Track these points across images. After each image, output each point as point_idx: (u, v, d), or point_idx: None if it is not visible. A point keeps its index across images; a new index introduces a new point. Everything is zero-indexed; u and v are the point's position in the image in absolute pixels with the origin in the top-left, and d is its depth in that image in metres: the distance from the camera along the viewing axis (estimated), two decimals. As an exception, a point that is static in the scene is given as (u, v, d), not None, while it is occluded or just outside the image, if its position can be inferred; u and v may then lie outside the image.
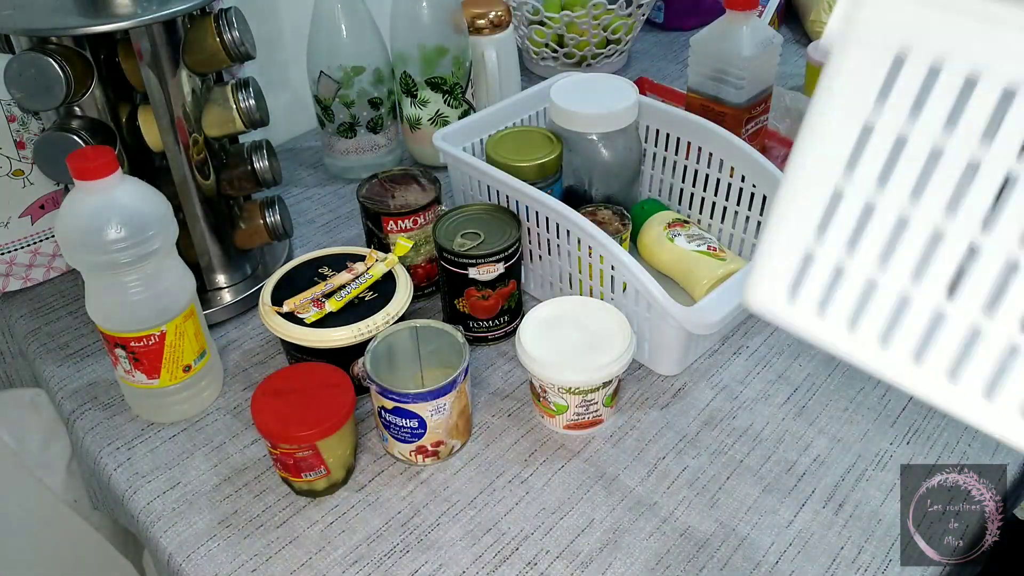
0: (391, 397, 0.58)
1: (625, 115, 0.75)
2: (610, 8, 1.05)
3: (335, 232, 0.89)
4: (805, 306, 0.32)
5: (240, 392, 0.70)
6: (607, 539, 0.57)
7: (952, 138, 0.28)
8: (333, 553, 0.57)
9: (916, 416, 0.65)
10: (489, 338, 0.73)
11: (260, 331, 0.76)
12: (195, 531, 0.59)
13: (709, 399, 0.67)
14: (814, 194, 0.31)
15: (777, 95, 0.90)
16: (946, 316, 0.30)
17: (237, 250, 0.78)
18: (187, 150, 0.70)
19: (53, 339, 0.77)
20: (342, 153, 0.94)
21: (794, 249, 0.32)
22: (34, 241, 0.81)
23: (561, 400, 0.62)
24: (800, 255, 0.32)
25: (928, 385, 0.31)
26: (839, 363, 0.69)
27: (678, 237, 0.75)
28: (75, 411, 0.69)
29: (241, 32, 0.67)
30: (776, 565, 0.55)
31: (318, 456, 0.58)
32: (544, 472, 0.62)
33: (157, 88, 0.66)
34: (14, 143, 0.76)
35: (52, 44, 0.62)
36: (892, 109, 0.29)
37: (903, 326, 0.31)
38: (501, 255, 0.67)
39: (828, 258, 0.31)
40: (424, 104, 0.92)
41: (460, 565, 0.56)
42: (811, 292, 0.32)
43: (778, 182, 0.72)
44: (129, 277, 0.60)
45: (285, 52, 1.01)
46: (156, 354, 0.63)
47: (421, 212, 0.72)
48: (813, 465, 0.61)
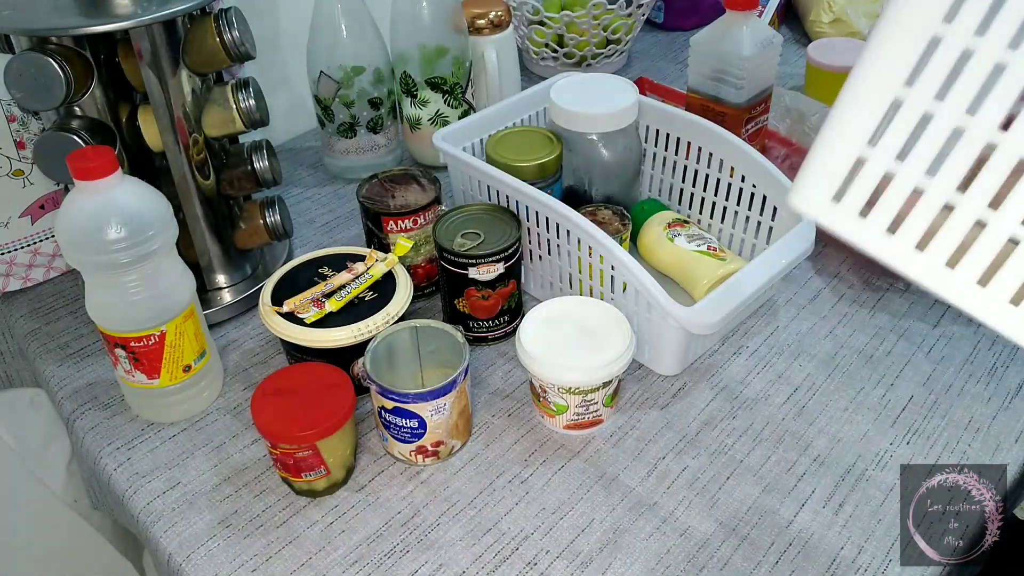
0: (391, 397, 0.58)
1: (625, 115, 0.75)
2: (610, 8, 1.05)
3: (335, 232, 0.89)
4: (848, 208, 0.34)
5: (240, 392, 0.70)
6: (607, 539, 0.57)
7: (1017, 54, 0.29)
8: (333, 553, 0.57)
9: (916, 416, 0.65)
10: (489, 338, 0.73)
11: (260, 331, 0.76)
12: (195, 531, 0.59)
13: (709, 399, 0.67)
14: (874, 101, 0.32)
15: (777, 95, 0.90)
16: (988, 226, 0.31)
17: (237, 250, 0.78)
18: (187, 150, 0.70)
19: (53, 339, 0.77)
20: (342, 153, 0.94)
21: (847, 153, 0.33)
22: (34, 241, 0.81)
23: (561, 400, 0.62)
24: (852, 159, 0.33)
25: (958, 290, 0.33)
26: (839, 363, 0.69)
27: (678, 237, 0.75)
28: (75, 411, 0.69)
29: (241, 32, 0.67)
30: (776, 565, 0.55)
31: (318, 456, 0.58)
32: (544, 472, 0.62)
33: (157, 88, 0.66)
34: (14, 143, 0.76)
35: (52, 44, 0.62)
36: (961, 22, 0.30)
37: (942, 233, 0.32)
38: (501, 255, 0.67)
39: (879, 163, 0.33)
40: (424, 104, 0.92)
41: (460, 565, 0.56)
42: (856, 195, 0.34)
43: (778, 182, 0.72)
44: (129, 277, 0.60)
45: (285, 52, 1.01)
46: (156, 354, 0.63)
47: (421, 212, 0.72)
48: (813, 465, 0.61)
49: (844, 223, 0.34)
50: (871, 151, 0.33)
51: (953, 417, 0.64)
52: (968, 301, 0.33)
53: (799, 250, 0.67)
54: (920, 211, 0.33)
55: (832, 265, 0.80)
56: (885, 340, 0.71)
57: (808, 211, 0.35)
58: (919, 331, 0.72)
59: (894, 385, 0.67)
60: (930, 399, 0.66)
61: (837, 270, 0.79)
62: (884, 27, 0.32)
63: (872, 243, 0.34)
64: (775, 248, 0.67)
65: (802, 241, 0.68)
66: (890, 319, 0.73)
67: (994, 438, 0.63)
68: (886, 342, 0.71)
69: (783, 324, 0.74)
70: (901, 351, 0.70)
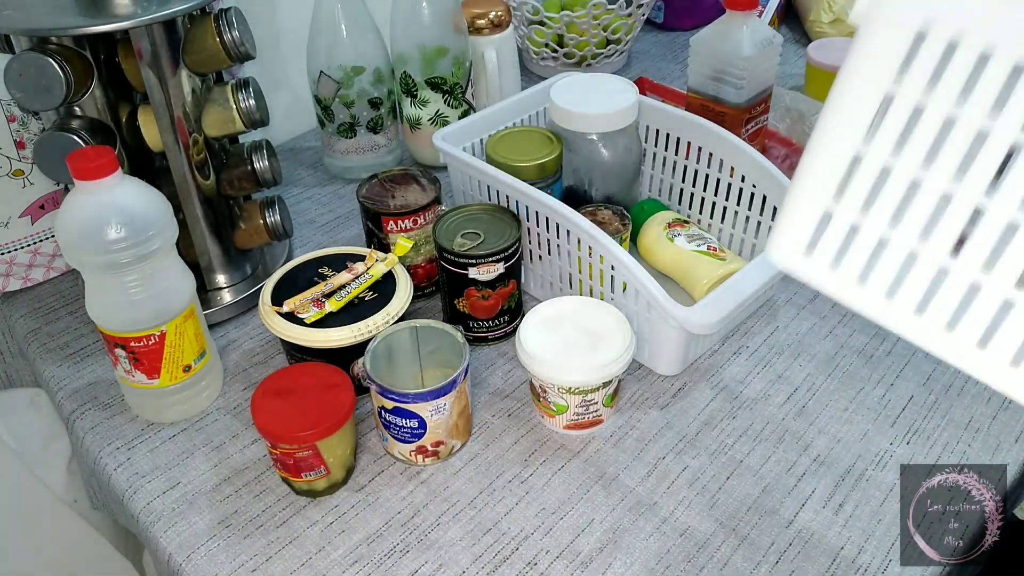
0: (391, 397, 0.58)
1: (625, 115, 0.75)
2: (610, 8, 1.05)
3: (335, 232, 0.89)
4: (820, 260, 0.36)
5: (240, 392, 0.70)
6: (607, 539, 0.57)
7: (964, 109, 0.31)
8: (333, 553, 0.57)
9: (916, 416, 0.65)
10: (489, 338, 0.73)
11: (260, 331, 0.76)
12: (195, 531, 0.59)
13: (709, 399, 0.67)
14: (835, 158, 0.34)
15: (777, 95, 0.90)
16: (949, 272, 0.33)
17: (237, 250, 0.78)
18: (187, 150, 0.70)
19: (53, 339, 0.77)
20: (342, 153, 0.94)
21: (815, 208, 0.35)
22: (34, 241, 0.81)
23: (561, 400, 0.62)
24: (819, 213, 0.35)
25: (928, 334, 0.34)
26: (839, 363, 0.69)
27: (678, 237, 0.75)
28: (75, 411, 0.69)
29: (241, 32, 0.67)
30: (776, 565, 0.55)
31: (318, 456, 0.58)
32: (544, 472, 0.62)
33: (157, 88, 0.66)
34: (14, 143, 0.76)
35: (52, 44, 0.62)
36: (911, 81, 0.31)
37: (908, 280, 0.34)
38: (501, 255, 0.67)
39: (845, 216, 0.34)
40: (424, 104, 0.92)
41: (460, 565, 0.56)
42: (827, 247, 0.35)
43: (778, 182, 0.72)
44: (129, 277, 0.60)
45: (285, 52, 1.01)
46: (156, 354, 0.63)
47: (421, 212, 0.72)
48: (813, 465, 0.61)
49: (817, 275, 0.36)
50: (836, 205, 0.34)
51: (953, 417, 0.64)
52: (937, 347, 0.34)
53: (799, 250, 0.67)
54: (886, 261, 0.34)
55: (832, 265, 0.80)
56: (885, 340, 0.71)
57: (783, 264, 0.37)
58: (919, 331, 0.72)
59: (894, 385, 0.67)
60: (930, 399, 0.66)
61: (837, 270, 0.79)
62: (841, 85, 0.33)
63: (844, 293, 0.35)
64: (775, 248, 0.67)
65: (802, 241, 0.67)
66: (890, 319, 0.73)
67: (994, 438, 0.63)
68: (886, 342, 0.71)
69: (783, 324, 0.74)
70: (901, 351, 0.70)
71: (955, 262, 0.32)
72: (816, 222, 0.35)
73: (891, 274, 0.34)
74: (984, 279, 0.32)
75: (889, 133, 0.32)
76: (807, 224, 0.35)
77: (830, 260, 0.35)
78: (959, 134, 0.31)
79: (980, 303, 0.32)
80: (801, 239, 0.36)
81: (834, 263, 0.35)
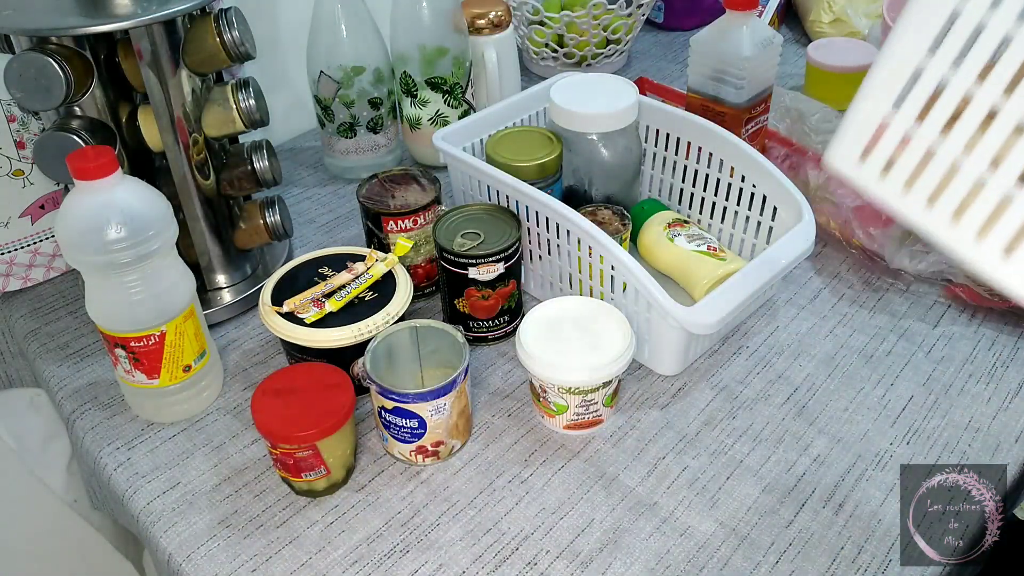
0: (391, 397, 0.58)
1: (625, 115, 0.75)
2: (610, 8, 1.05)
3: (335, 232, 0.89)
4: (872, 168, 0.39)
5: (240, 392, 0.70)
6: (607, 539, 0.57)
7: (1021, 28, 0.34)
8: (333, 553, 0.57)
9: (916, 416, 0.65)
10: (489, 338, 0.73)
11: (260, 331, 0.76)
12: (195, 531, 0.59)
13: (709, 399, 0.67)
14: (900, 69, 0.37)
15: (777, 95, 0.90)
16: (987, 184, 0.36)
17: (237, 250, 0.78)
18: (187, 150, 0.70)
19: (53, 339, 0.77)
20: (342, 153, 0.94)
21: (874, 117, 0.38)
22: (34, 241, 0.81)
23: (561, 400, 0.62)
24: (877, 123, 0.38)
25: (961, 242, 0.37)
26: (839, 363, 0.69)
27: (678, 237, 0.75)
28: (75, 411, 0.69)
29: (241, 32, 0.67)
30: (776, 565, 0.55)
31: (318, 456, 0.58)
32: (544, 472, 0.62)
33: (157, 88, 0.66)
34: (14, 143, 0.76)
35: (52, 44, 0.62)
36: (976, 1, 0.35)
37: (949, 190, 0.37)
38: (501, 255, 0.67)
39: (900, 126, 0.38)
40: (424, 104, 0.92)
41: (460, 565, 0.56)
42: (879, 156, 0.39)
43: (778, 182, 0.72)
44: (129, 277, 0.60)
45: (285, 52, 1.01)
46: (156, 354, 0.63)
47: (421, 212, 0.72)
48: (813, 465, 0.61)
49: (868, 181, 0.39)
50: (893, 115, 0.38)
51: (953, 417, 0.64)
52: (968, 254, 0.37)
53: (799, 250, 0.67)
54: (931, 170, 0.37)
55: (832, 265, 0.80)
56: (885, 340, 0.71)
57: (838, 169, 0.40)
58: (919, 331, 0.72)
59: (894, 385, 0.67)
60: (930, 399, 0.66)
61: (837, 270, 0.79)
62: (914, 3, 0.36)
63: (890, 200, 0.39)
64: (775, 248, 0.67)
65: (802, 241, 0.68)
66: (890, 319, 0.73)
67: (994, 438, 0.63)
68: (886, 342, 0.71)
69: (783, 324, 0.74)
70: (901, 351, 0.70)
71: (994, 175, 0.35)
72: (873, 131, 0.38)
73: (933, 183, 0.37)
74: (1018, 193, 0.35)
75: (950, 48, 0.35)
76: (865, 132, 0.38)
77: (880, 167, 0.39)
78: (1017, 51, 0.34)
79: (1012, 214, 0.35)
80: (858, 147, 0.39)
81: (884, 171, 0.39)
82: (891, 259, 0.75)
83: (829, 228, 0.79)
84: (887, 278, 0.77)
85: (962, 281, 0.73)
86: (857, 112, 0.39)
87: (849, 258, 0.80)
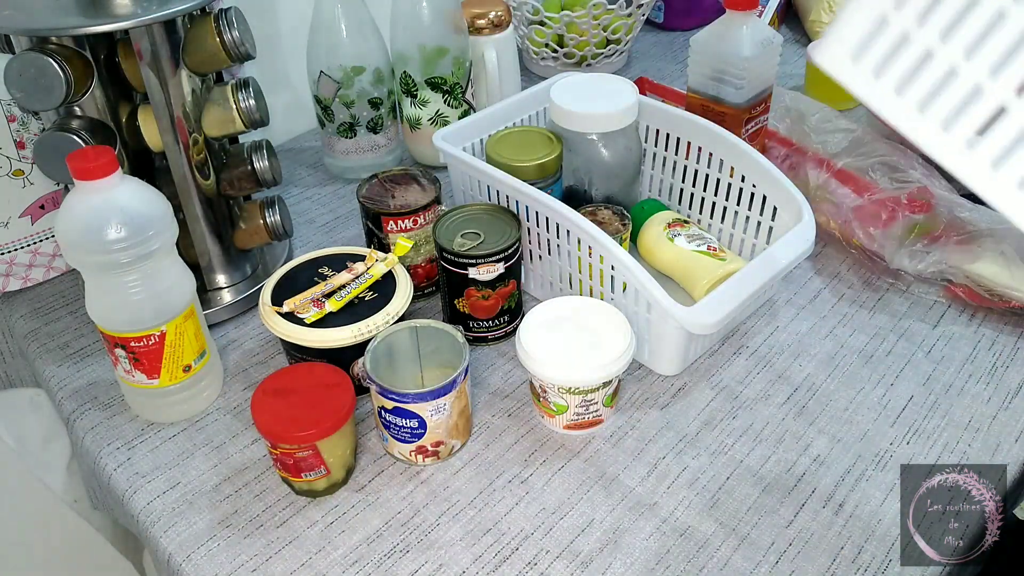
0: (391, 397, 0.58)
1: (625, 115, 0.75)
2: (610, 8, 1.05)
3: (335, 232, 0.89)
4: (865, 68, 0.37)
5: (240, 392, 0.70)
6: (607, 539, 0.57)
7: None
8: (333, 553, 0.57)
9: (916, 416, 0.65)
10: (489, 338, 0.73)
11: (260, 331, 0.76)
12: (195, 531, 0.59)
13: (709, 399, 0.67)
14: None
15: (777, 95, 0.90)
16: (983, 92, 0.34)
17: (237, 250, 0.78)
18: (187, 150, 0.70)
19: (53, 339, 0.77)
20: (342, 153, 0.94)
21: (873, 13, 0.36)
22: (34, 241, 0.81)
23: (561, 400, 0.62)
24: (876, 20, 0.36)
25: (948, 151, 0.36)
26: (839, 363, 0.69)
27: (678, 237, 0.75)
28: (75, 411, 0.69)
29: (241, 32, 0.67)
30: (776, 565, 0.55)
31: (318, 456, 0.58)
32: (544, 472, 0.62)
33: (157, 88, 0.66)
34: (14, 143, 0.76)
35: (52, 44, 0.62)
36: None
37: (943, 96, 0.35)
38: (501, 255, 0.67)
39: (899, 25, 0.35)
40: (424, 104, 0.92)
41: (460, 565, 0.56)
42: (874, 56, 0.36)
43: (778, 182, 0.72)
44: (129, 277, 0.60)
45: (285, 52, 1.01)
46: (156, 354, 0.63)
47: (421, 212, 0.72)
48: (813, 465, 0.61)
49: (859, 82, 0.37)
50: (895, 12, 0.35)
51: (953, 417, 0.64)
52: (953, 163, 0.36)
53: (799, 250, 0.67)
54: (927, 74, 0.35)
55: (832, 265, 0.80)
56: (885, 340, 0.71)
57: (829, 67, 0.38)
58: (919, 331, 0.72)
59: (894, 385, 0.67)
60: (930, 399, 0.66)
61: (837, 270, 0.79)
62: None
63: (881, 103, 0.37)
64: (775, 248, 0.67)
65: (802, 241, 0.68)
66: (890, 319, 0.73)
67: (994, 438, 0.63)
68: (886, 342, 0.71)
69: (783, 324, 0.74)
70: (901, 351, 0.70)
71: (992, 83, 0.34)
72: (870, 28, 0.36)
73: (927, 89, 0.35)
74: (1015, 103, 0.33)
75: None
76: (861, 29, 0.36)
77: (873, 68, 0.36)
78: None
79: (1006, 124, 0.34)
80: (852, 44, 0.37)
81: (878, 72, 0.36)
82: (891, 259, 0.75)
83: (829, 228, 0.79)
84: (887, 278, 0.77)
85: (962, 281, 0.73)
86: (853, 8, 0.37)
87: (849, 258, 0.80)
